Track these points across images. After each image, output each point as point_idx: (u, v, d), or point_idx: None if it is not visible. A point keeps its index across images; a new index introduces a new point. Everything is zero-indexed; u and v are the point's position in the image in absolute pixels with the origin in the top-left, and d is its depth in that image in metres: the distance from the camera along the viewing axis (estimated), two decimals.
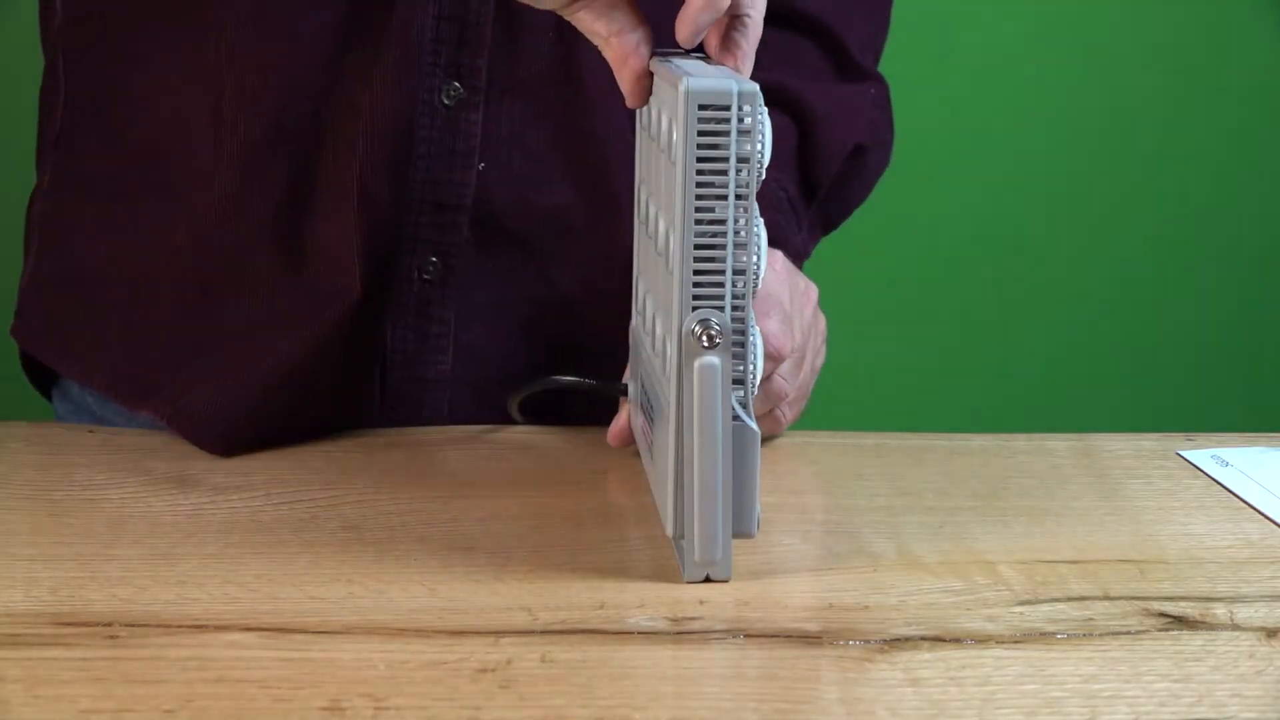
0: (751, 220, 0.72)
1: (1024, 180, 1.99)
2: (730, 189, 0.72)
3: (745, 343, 0.74)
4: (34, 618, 0.72)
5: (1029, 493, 0.91)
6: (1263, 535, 0.86)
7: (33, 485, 0.88)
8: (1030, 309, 2.04)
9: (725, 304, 0.73)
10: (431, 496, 0.87)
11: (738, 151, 0.71)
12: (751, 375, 0.76)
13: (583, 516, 0.86)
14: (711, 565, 0.76)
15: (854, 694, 0.68)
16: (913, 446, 0.97)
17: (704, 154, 0.71)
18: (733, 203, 0.72)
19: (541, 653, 0.70)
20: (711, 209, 0.72)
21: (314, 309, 0.93)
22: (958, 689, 0.68)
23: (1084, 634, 0.73)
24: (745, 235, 0.72)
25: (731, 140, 0.71)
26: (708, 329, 0.72)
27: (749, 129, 0.71)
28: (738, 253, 0.72)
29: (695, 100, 0.71)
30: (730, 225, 0.72)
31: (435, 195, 0.94)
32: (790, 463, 0.94)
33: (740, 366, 0.74)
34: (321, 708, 0.65)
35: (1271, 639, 0.74)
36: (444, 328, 0.97)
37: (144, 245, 0.95)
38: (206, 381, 0.93)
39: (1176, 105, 2.00)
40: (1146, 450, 0.98)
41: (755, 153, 0.71)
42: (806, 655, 0.71)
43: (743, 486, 0.75)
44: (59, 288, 0.99)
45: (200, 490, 0.87)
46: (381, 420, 0.97)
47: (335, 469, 0.91)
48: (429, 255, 0.95)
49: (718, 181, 0.72)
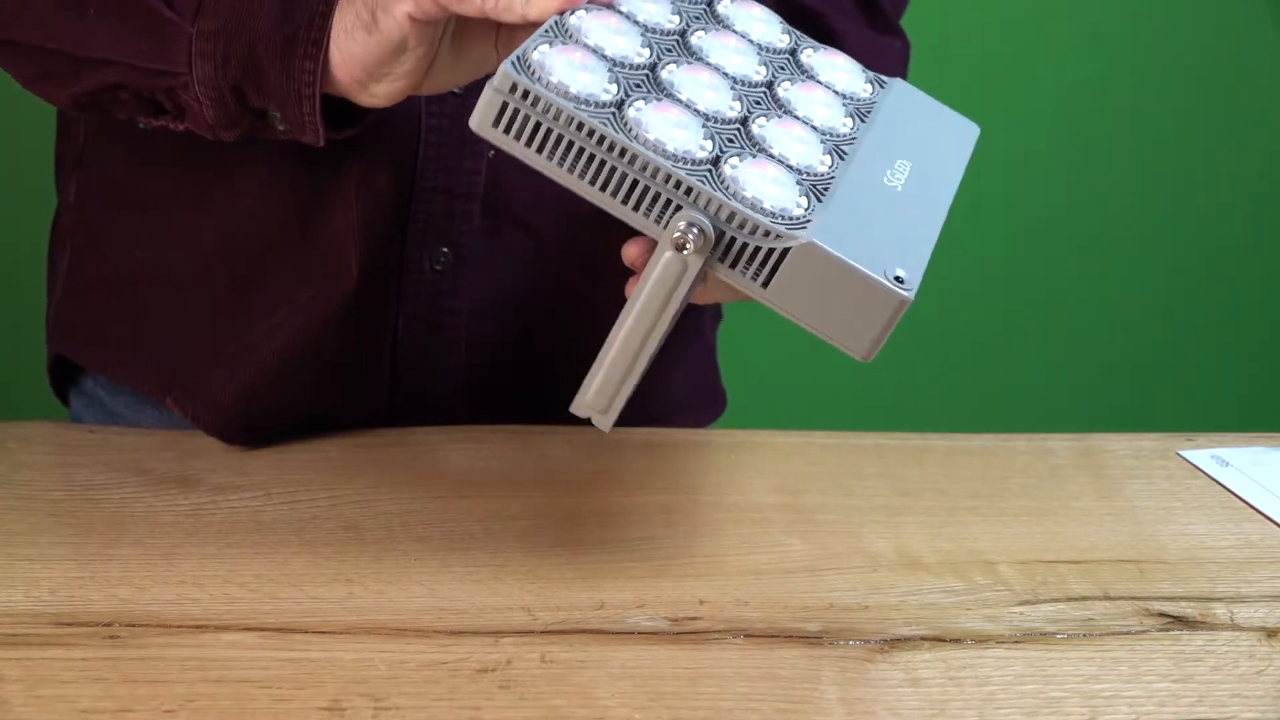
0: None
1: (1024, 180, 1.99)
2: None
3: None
4: (34, 618, 0.72)
5: (1029, 493, 0.91)
6: (1263, 535, 0.86)
7: (33, 485, 0.88)
8: (1030, 309, 2.04)
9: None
10: (431, 496, 0.87)
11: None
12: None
13: (583, 516, 0.86)
14: (600, 414, 0.77)
15: (854, 694, 0.68)
16: (913, 446, 0.97)
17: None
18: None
19: (541, 653, 0.70)
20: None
21: (316, 294, 0.93)
22: (958, 689, 0.68)
23: (1084, 634, 0.74)
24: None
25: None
26: (686, 234, 0.72)
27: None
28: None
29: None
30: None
31: (446, 183, 0.94)
32: (790, 463, 0.94)
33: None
34: (321, 708, 0.65)
35: (1271, 639, 0.74)
36: (455, 319, 0.97)
37: (177, 246, 0.96)
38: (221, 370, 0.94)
39: (1176, 105, 2.00)
40: (1146, 450, 0.98)
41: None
42: (806, 655, 0.71)
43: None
44: (98, 294, 1.00)
45: (200, 490, 0.87)
46: (394, 411, 0.98)
47: (335, 469, 0.91)
48: (440, 245, 0.95)
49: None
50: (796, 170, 0.74)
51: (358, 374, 0.97)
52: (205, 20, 0.82)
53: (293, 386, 0.94)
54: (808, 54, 0.82)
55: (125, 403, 1.02)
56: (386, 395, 0.98)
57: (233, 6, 0.82)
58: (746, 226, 0.71)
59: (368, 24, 0.78)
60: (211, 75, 0.82)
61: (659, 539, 0.82)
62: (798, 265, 0.71)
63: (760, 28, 0.82)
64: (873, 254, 0.71)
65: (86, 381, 1.05)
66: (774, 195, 0.72)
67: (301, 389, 0.95)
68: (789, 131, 0.76)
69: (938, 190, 0.78)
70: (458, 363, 0.98)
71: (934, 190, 0.78)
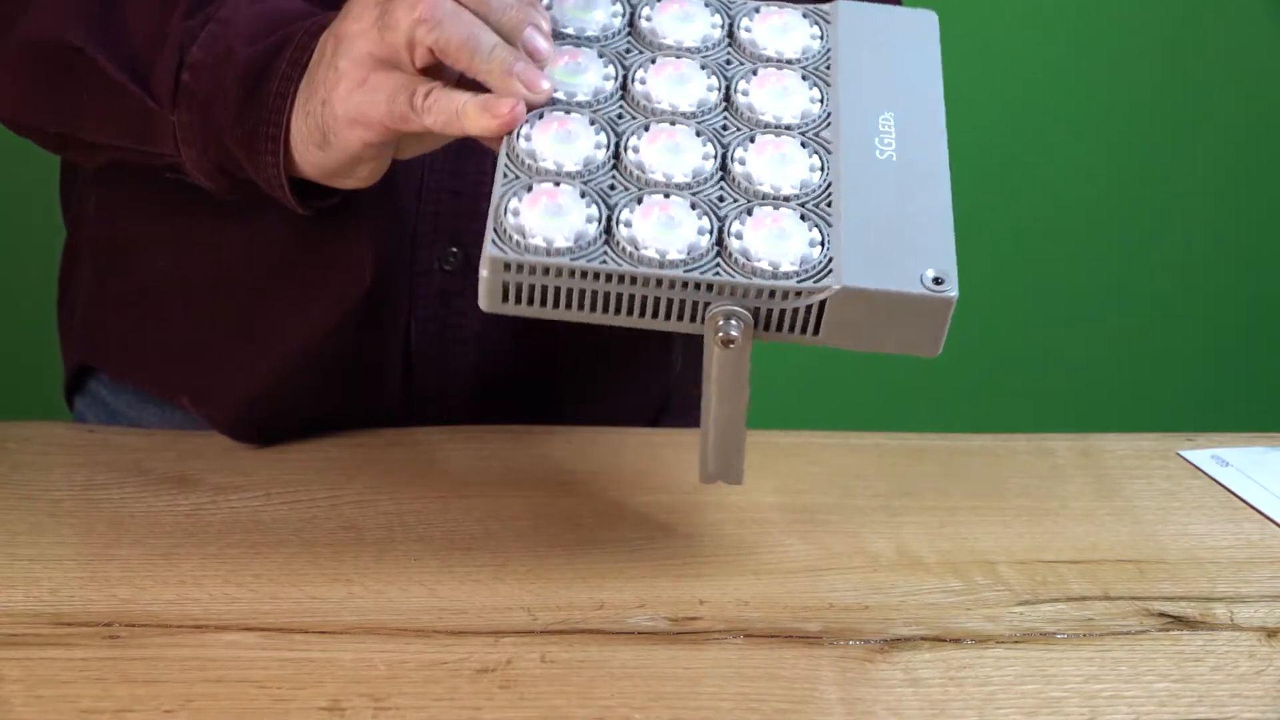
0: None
1: (1024, 180, 1.99)
2: None
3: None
4: (34, 618, 0.72)
5: (1029, 493, 0.91)
6: (1263, 535, 0.86)
7: (33, 485, 0.88)
8: (1031, 308, 2.04)
9: None
10: (431, 496, 0.87)
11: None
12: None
13: (583, 516, 0.86)
14: (728, 478, 0.79)
15: (854, 694, 0.68)
16: (913, 446, 0.97)
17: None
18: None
19: (541, 653, 0.70)
20: None
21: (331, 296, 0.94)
22: (958, 689, 0.68)
23: (1084, 634, 0.74)
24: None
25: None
26: (727, 329, 0.71)
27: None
28: None
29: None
30: None
31: (452, 184, 0.95)
32: (790, 463, 0.94)
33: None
34: (321, 708, 0.65)
35: (1271, 639, 0.74)
36: (465, 319, 0.97)
37: (199, 256, 0.97)
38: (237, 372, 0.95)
39: (1175, 105, 2.00)
40: (1146, 450, 0.98)
41: None
42: (806, 655, 0.71)
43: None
44: (124, 305, 1.01)
45: (200, 490, 0.87)
46: (403, 410, 0.98)
47: (335, 469, 0.91)
48: (448, 245, 0.96)
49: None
50: (794, 199, 0.73)
51: (370, 374, 0.97)
52: (181, 111, 0.84)
53: (306, 387, 0.95)
54: (745, 30, 0.80)
55: (128, 401, 1.02)
56: (398, 395, 0.98)
57: (200, 98, 0.84)
58: (776, 295, 0.70)
59: (320, 142, 0.80)
60: (198, 159, 0.85)
61: (659, 539, 0.82)
62: (838, 309, 0.71)
63: (689, 29, 0.80)
64: (904, 265, 0.71)
65: (90, 381, 1.06)
66: (787, 250, 0.71)
67: (315, 390, 0.95)
68: (768, 153, 0.75)
69: (929, 137, 0.76)
70: (466, 362, 0.98)
71: (927, 139, 0.76)
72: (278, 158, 0.81)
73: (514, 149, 0.74)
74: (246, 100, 0.82)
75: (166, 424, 0.99)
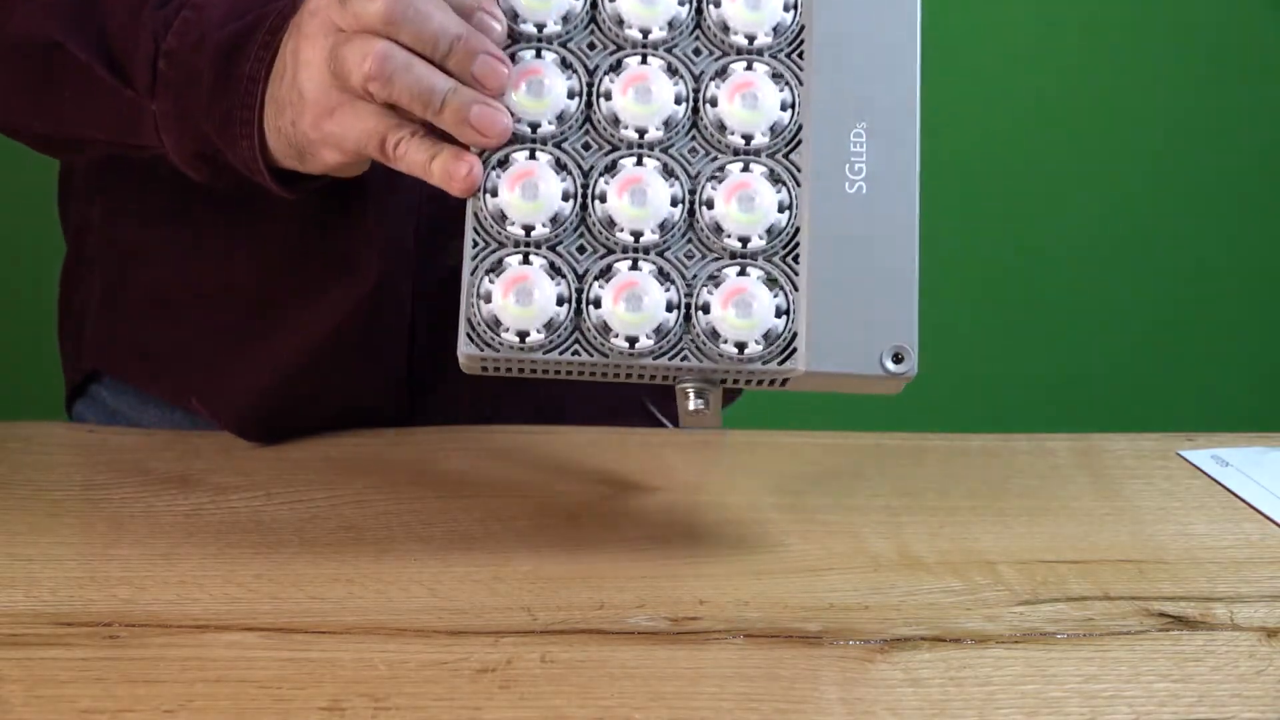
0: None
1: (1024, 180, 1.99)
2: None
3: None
4: (34, 618, 0.72)
5: (1029, 493, 0.91)
6: (1263, 535, 0.86)
7: (33, 485, 0.88)
8: (1031, 309, 2.04)
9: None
10: (431, 496, 0.87)
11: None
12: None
13: (583, 516, 0.86)
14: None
15: (854, 694, 0.68)
16: (913, 446, 0.97)
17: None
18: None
19: (541, 653, 0.70)
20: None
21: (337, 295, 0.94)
22: (958, 689, 0.68)
23: (1084, 634, 0.74)
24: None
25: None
26: (697, 401, 0.76)
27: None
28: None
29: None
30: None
31: None
32: (791, 463, 0.94)
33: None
34: (321, 708, 0.65)
35: (1271, 639, 0.74)
36: None
37: (208, 260, 0.97)
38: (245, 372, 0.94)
39: (1175, 106, 2.00)
40: (1146, 450, 0.98)
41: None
42: (806, 655, 0.71)
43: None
44: (134, 312, 1.01)
45: (200, 490, 0.87)
46: (408, 408, 0.98)
47: (335, 469, 0.91)
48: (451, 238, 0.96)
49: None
50: (760, 254, 0.74)
51: (376, 372, 0.97)
52: (159, 100, 0.83)
53: (313, 386, 0.95)
54: (713, 5, 0.76)
55: (128, 402, 1.02)
56: (404, 392, 0.98)
57: (176, 86, 0.83)
58: (742, 377, 0.75)
59: (295, 156, 0.80)
60: (176, 146, 0.84)
61: (659, 539, 0.82)
62: (802, 383, 0.75)
63: (654, 12, 0.76)
64: (866, 342, 0.74)
65: (91, 384, 1.06)
66: (753, 325, 0.74)
67: (321, 388, 0.95)
68: (734, 196, 0.75)
69: (901, 156, 0.75)
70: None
71: (898, 159, 0.75)
72: (253, 141, 0.80)
73: (481, 209, 0.75)
74: (219, 83, 0.81)
75: (166, 424, 0.99)
